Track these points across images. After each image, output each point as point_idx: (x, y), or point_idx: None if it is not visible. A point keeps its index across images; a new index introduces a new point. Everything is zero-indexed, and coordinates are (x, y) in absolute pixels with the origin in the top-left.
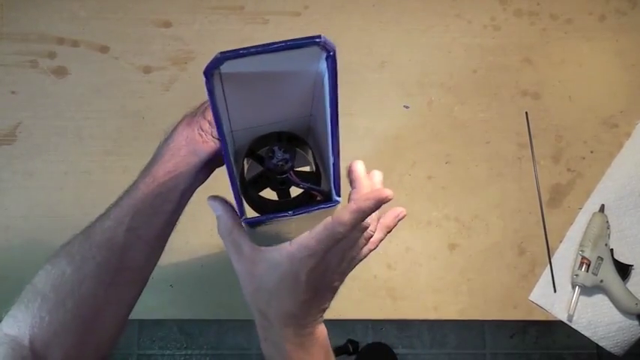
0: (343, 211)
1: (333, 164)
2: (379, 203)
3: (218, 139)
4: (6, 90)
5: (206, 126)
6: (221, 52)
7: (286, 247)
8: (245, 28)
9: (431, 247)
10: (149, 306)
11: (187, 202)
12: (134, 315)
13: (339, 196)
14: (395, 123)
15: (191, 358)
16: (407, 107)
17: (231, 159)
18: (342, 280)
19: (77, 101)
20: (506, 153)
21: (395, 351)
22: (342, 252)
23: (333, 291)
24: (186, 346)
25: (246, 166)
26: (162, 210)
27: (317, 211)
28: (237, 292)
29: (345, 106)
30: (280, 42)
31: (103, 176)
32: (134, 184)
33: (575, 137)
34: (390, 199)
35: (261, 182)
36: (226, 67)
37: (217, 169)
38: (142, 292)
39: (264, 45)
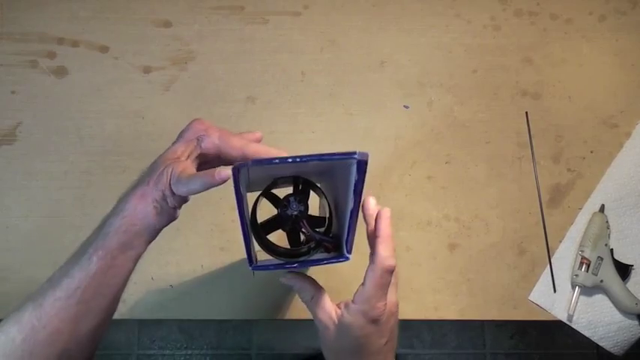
0: (383, 246)
1: (349, 227)
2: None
3: (173, 207)
4: (6, 90)
5: (160, 195)
6: (253, 160)
7: (353, 306)
8: (245, 28)
9: (431, 247)
10: (149, 306)
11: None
12: (134, 315)
13: (349, 253)
14: (395, 123)
15: (191, 358)
16: (407, 107)
17: (248, 227)
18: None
19: (77, 101)
20: (506, 153)
21: None
22: (395, 285)
23: (397, 331)
24: (186, 346)
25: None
26: (115, 282)
27: (325, 264)
28: (237, 292)
29: (345, 106)
30: (316, 155)
31: (103, 176)
32: (86, 255)
33: (575, 137)
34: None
35: (273, 224)
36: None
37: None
38: (95, 352)
39: (299, 156)
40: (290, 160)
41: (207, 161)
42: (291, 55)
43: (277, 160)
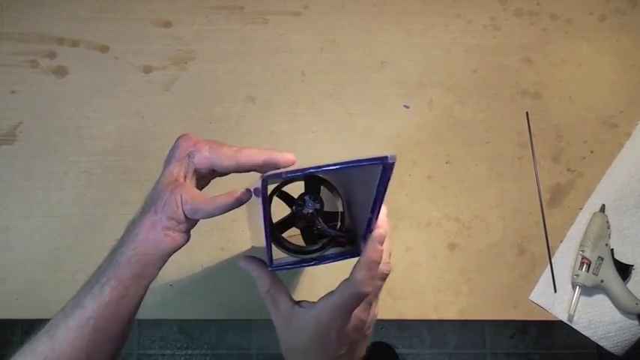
0: (363, 271)
1: (368, 223)
2: (383, 240)
3: (185, 232)
4: (6, 90)
5: (171, 223)
6: (286, 172)
7: (314, 309)
8: (245, 28)
9: (431, 247)
10: (149, 306)
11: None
12: None
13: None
14: (395, 123)
15: (191, 358)
16: (407, 107)
17: (271, 229)
18: (372, 326)
19: (77, 101)
20: (506, 153)
21: (395, 351)
22: (368, 303)
23: (366, 340)
24: (186, 346)
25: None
26: (128, 308)
27: (342, 259)
28: (237, 292)
29: (345, 106)
30: (350, 162)
31: (103, 176)
32: (98, 285)
33: (575, 137)
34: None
35: (288, 223)
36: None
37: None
38: None
39: (333, 164)
40: (324, 168)
41: (202, 176)
42: (291, 55)
43: (312, 170)
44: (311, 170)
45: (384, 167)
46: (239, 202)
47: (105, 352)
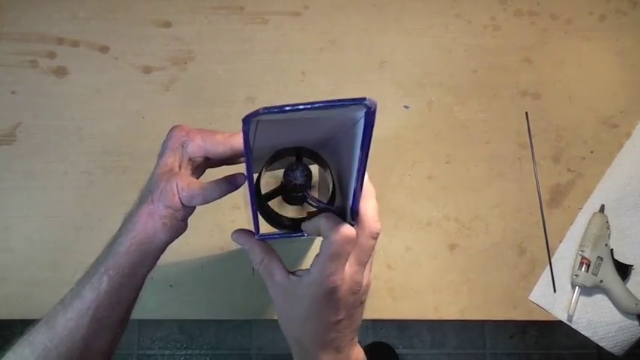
0: (344, 226)
1: (354, 192)
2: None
3: (182, 220)
4: (6, 90)
5: (168, 212)
6: (264, 108)
7: (307, 275)
8: (245, 28)
9: (431, 247)
10: (149, 306)
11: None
12: (134, 315)
13: (354, 220)
14: (395, 123)
15: (191, 358)
16: (407, 107)
17: (253, 190)
18: (367, 292)
19: (77, 101)
20: (506, 153)
21: (395, 351)
22: (362, 264)
23: (362, 306)
24: (186, 346)
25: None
26: (126, 298)
27: None
28: (237, 292)
29: None
30: (326, 101)
31: (103, 176)
32: (97, 275)
33: (575, 137)
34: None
35: (277, 195)
36: (265, 116)
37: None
38: None
39: (309, 103)
40: (302, 107)
41: (197, 165)
42: (291, 55)
43: (288, 108)
44: (287, 108)
45: (366, 115)
46: (234, 186)
47: (103, 341)
